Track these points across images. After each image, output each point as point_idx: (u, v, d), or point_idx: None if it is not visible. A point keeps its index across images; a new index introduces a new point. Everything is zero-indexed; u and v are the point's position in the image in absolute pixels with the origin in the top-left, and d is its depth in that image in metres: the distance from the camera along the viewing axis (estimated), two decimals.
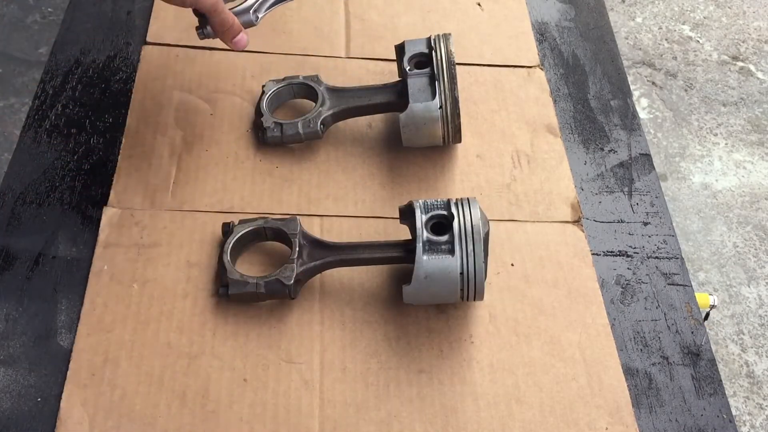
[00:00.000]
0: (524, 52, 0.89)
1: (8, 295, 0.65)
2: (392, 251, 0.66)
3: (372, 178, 0.76)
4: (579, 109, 0.86)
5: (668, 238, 0.75)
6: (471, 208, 0.63)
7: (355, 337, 0.65)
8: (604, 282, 0.71)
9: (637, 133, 0.84)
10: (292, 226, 0.67)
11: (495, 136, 0.81)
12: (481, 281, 0.62)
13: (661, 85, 2.15)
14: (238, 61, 0.84)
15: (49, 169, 0.74)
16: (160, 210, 0.71)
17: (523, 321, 0.67)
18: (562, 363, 0.65)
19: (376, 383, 0.63)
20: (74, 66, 0.82)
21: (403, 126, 0.72)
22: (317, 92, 0.76)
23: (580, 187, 0.78)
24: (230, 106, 0.80)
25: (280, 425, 0.60)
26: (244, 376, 0.62)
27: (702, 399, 0.65)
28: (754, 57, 2.25)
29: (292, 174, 0.75)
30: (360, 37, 0.88)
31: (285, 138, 0.75)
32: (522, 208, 0.75)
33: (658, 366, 0.67)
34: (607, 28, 0.96)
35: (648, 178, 0.80)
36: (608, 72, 0.90)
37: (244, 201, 0.73)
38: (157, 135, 0.77)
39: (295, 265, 0.64)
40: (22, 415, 0.59)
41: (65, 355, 0.62)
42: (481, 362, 0.65)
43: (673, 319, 0.70)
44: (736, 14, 2.36)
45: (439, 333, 0.66)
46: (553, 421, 0.62)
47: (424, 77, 0.73)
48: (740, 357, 1.65)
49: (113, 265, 0.67)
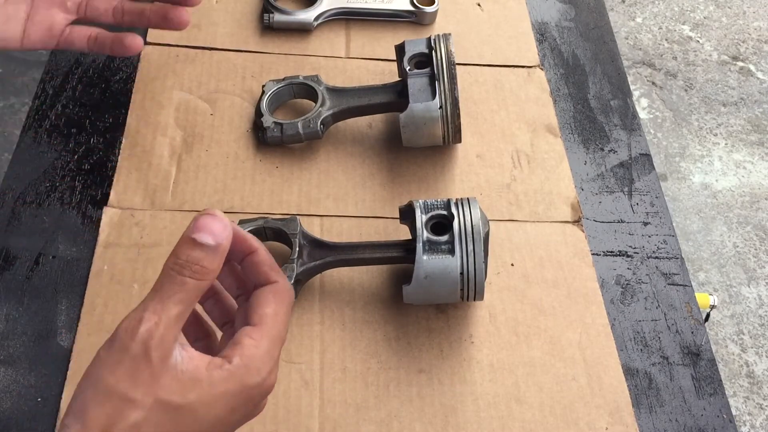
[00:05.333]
0: (524, 52, 0.89)
1: (8, 295, 0.65)
2: (392, 251, 0.66)
3: (372, 178, 0.76)
4: (579, 109, 0.86)
5: (668, 238, 0.75)
6: (471, 208, 0.63)
7: (355, 337, 0.65)
8: (604, 282, 0.71)
9: (637, 133, 0.84)
10: (292, 226, 0.67)
11: (495, 136, 0.81)
12: (481, 281, 0.62)
13: (661, 85, 2.15)
14: (238, 61, 0.84)
15: (49, 169, 0.74)
16: (160, 210, 0.71)
17: (523, 321, 0.68)
18: (562, 363, 0.65)
19: (376, 383, 0.63)
20: (74, 66, 0.82)
21: (403, 126, 0.72)
22: (317, 92, 0.76)
23: (580, 187, 0.78)
24: (230, 106, 0.80)
25: (280, 425, 0.60)
26: None
27: (702, 399, 0.65)
28: (754, 57, 2.25)
29: (292, 174, 0.75)
30: (360, 37, 0.88)
31: (285, 138, 0.75)
32: (522, 208, 0.75)
33: (658, 366, 0.67)
34: (607, 28, 0.96)
35: (648, 178, 0.80)
36: (608, 72, 0.90)
37: (244, 201, 0.73)
38: (157, 135, 0.77)
39: (295, 265, 0.64)
40: (22, 415, 0.59)
41: (65, 355, 0.62)
42: (481, 362, 0.65)
43: (673, 319, 0.70)
44: (736, 14, 2.36)
45: (439, 333, 0.66)
46: (553, 421, 0.62)
47: (424, 77, 0.73)
48: (740, 357, 1.65)
49: (113, 265, 0.67)
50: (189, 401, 0.39)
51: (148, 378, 0.38)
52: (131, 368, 0.37)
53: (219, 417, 0.40)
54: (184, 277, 0.39)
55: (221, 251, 0.41)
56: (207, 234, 0.40)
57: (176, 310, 0.39)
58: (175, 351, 0.39)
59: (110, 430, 0.37)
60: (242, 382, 0.40)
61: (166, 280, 0.40)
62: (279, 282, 0.45)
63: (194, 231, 0.40)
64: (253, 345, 0.41)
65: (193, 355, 0.40)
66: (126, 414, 0.37)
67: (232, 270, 0.47)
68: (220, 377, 0.40)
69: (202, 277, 0.40)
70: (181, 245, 0.40)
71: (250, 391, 0.41)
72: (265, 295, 0.44)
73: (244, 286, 0.47)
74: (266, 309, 0.43)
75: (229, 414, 0.41)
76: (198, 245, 0.40)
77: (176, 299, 0.39)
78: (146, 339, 0.38)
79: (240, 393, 0.41)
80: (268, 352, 0.42)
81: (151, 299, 0.39)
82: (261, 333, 0.42)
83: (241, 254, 0.45)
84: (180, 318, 0.39)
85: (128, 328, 0.38)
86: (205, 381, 0.39)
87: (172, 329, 0.39)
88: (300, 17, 0.86)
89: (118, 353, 0.38)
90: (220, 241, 0.40)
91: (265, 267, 0.45)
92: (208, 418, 0.40)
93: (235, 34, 0.86)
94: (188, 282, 0.39)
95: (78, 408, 0.38)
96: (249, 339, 0.42)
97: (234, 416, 0.41)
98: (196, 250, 0.40)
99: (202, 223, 0.40)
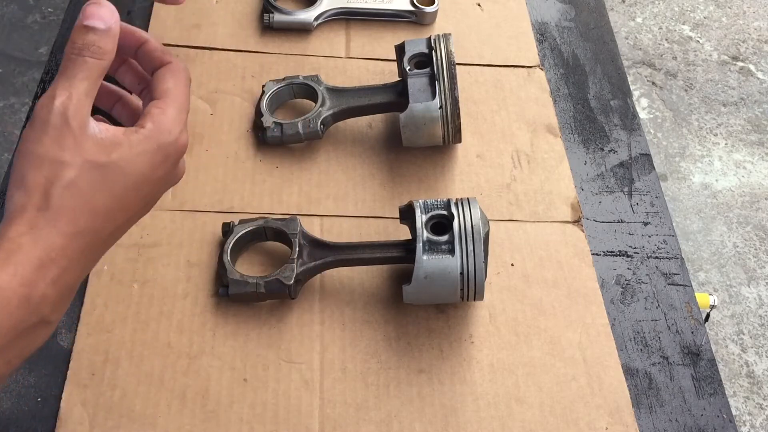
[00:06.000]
0: (524, 52, 0.89)
1: None
2: (392, 251, 0.66)
3: (372, 178, 0.76)
4: (579, 109, 0.86)
5: (668, 238, 0.75)
6: (471, 208, 0.63)
7: (355, 337, 0.65)
8: (604, 282, 0.71)
9: (637, 133, 0.84)
10: (292, 226, 0.67)
11: (495, 136, 0.81)
12: (481, 281, 0.62)
13: (661, 85, 2.15)
14: (238, 61, 0.84)
15: None
16: (160, 210, 0.71)
17: (523, 321, 0.68)
18: (562, 363, 0.65)
19: (376, 383, 0.63)
20: None
21: (403, 126, 0.72)
22: (317, 92, 0.76)
23: (580, 187, 0.78)
24: (230, 106, 0.80)
25: (280, 425, 0.60)
26: (244, 376, 0.62)
27: (702, 399, 0.65)
28: (754, 57, 2.25)
29: (292, 174, 0.75)
30: (360, 37, 0.88)
31: (285, 138, 0.75)
32: (522, 208, 0.75)
33: (658, 366, 0.67)
34: (607, 28, 0.96)
35: (648, 178, 0.80)
36: (608, 72, 0.90)
37: (244, 201, 0.73)
38: None
39: (295, 265, 0.64)
40: (22, 415, 0.59)
41: (65, 355, 0.62)
42: (481, 362, 0.65)
43: (673, 319, 0.70)
44: (736, 14, 2.36)
45: (439, 333, 0.66)
46: (553, 421, 0.62)
47: (424, 77, 0.73)
48: (740, 357, 1.65)
49: (113, 265, 0.67)
50: (113, 159, 0.44)
51: (73, 143, 0.42)
52: (55, 136, 0.42)
53: (143, 172, 0.45)
54: (84, 58, 0.44)
55: (113, 33, 0.45)
56: (97, 20, 0.45)
57: (83, 85, 0.44)
58: (91, 123, 0.44)
59: (50, 189, 0.42)
60: (158, 141, 0.46)
61: (69, 63, 0.44)
62: (173, 62, 0.50)
63: (85, 19, 0.45)
64: (160, 112, 0.47)
65: (109, 126, 0.45)
66: (60, 174, 0.42)
67: (130, 67, 0.52)
68: (137, 139, 0.45)
69: (100, 56, 0.45)
70: (75, 32, 0.45)
71: (167, 149, 0.46)
72: (163, 74, 0.49)
73: (144, 80, 0.52)
74: (167, 84, 0.48)
75: (152, 170, 0.46)
76: (91, 29, 0.45)
77: (81, 77, 0.44)
78: (62, 110, 0.42)
79: (157, 151, 0.46)
80: (176, 116, 0.47)
81: (58, 81, 0.44)
82: (166, 102, 0.47)
83: (134, 47, 0.50)
84: (89, 93, 0.44)
85: (44, 105, 0.43)
86: (125, 143, 0.44)
87: (83, 102, 0.43)
88: (300, 17, 0.86)
89: (41, 127, 0.43)
90: (109, 24, 0.45)
91: (157, 53, 0.50)
92: (133, 172, 0.44)
93: (235, 34, 0.86)
94: (89, 61, 0.44)
95: (16, 178, 0.42)
96: (156, 108, 0.47)
97: (156, 173, 0.46)
98: (90, 34, 0.45)
99: (90, 11, 0.45)
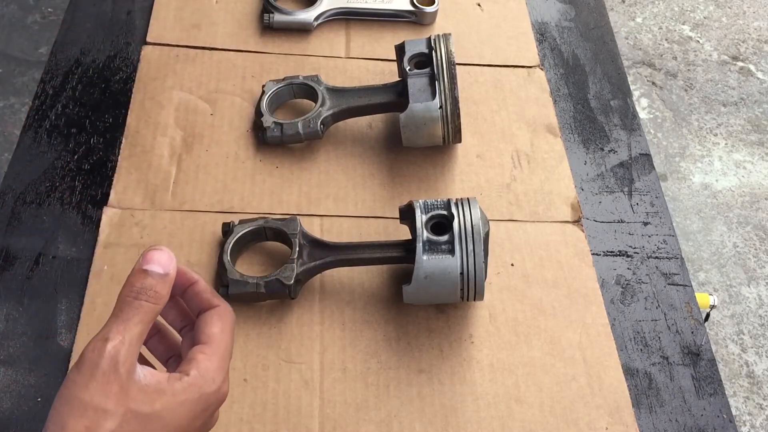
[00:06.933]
0: (524, 52, 0.89)
1: (8, 295, 0.65)
2: (392, 251, 0.66)
3: (372, 178, 0.76)
4: (579, 109, 0.86)
5: (668, 238, 0.75)
6: (471, 208, 0.63)
7: (355, 337, 0.65)
8: (604, 282, 0.71)
9: (637, 133, 0.84)
10: (292, 226, 0.67)
11: (495, 136, 0.81)
12: (481, 281, 0.62)
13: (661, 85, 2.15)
14: (238, 61, 0.84)
15: (49, 169, 0.74)
16: (160, 210, 0.71)
17: (523, 321, 0.68)
18: (562, 363, 0.65)
19: (376, 383, 0.63)
20: (74, 66, 0.82)
21: (403, 126, 0.72)
22: (317, 92, 0.76)
23: (580, 187, 0.78)
24: (230, 106, 0.80)
25: (280, 425, 0.60)
26: (244, 376, 0.62)
27: (702, 399, 0.65)
28: (754, 57, 2.25)
29: (292, 174, 0.75)
30: (360, 37, 0.88)
31: (285, 138, 0.75)
32: (522, 208, 0.75)
33: (658, 366, 0.67)
34: (607, 28, 0.96)
35: (648, 178, 0.80)
36: (608, 72, 0.90)
37: (244, 201, 0.73)
38: (157, 135, 0.77)
39: (295, 265, 0.64)
40: (22, 415, 0.59)
41: (65, 355, 0.62)
42: (481, 362, 0.65)
43: (673, 319, 0.70)
44: (736, 14, 2.36)
45: (439, 333, 0.66)
46: (553, 421, 0.62)
47: (424, 77, 0.73)
48: (740, 357, 1.65)
49: (113, 265, 0.67)
50: (156, 410, 0.43)
51: (118, 391, 0.41)
52: (102, 382, 0.41)
53: (182, 424, 0.44)
54: (141, 302, 0.44)
55: (170, 278, 0.46)
56: (156, 264, 0.46)
57: (137, 329, 0.43)
58: (137, 369, 0.43)
59: None
60: (200, 391, 0.45)
61: (125, 306, 0.44)
62: (221, 305, 0.50)
63: (144, 263, 0.46)
64: (206, 359, 0.46)
65: (153, 371, 0.44)
66: (102, 424, 0.41)
67: (175, 304, 0.51)
68: (181, 387, 0.44)
69: (156, 301, 0.45)
70: (134, 275, 0.45)
71: (208, 399, 0.46)
72: (210, 317, 0.49)
73: (188, 318, 0.51)
74: (213, 329, 0.48)
75: (191, 421, 0.45)
76: (150, 274, 0.45)
77: (136, 320, 0.44)
78: (114, 355, 0.42)
79: (199, 400, 0.45)
80: (220, 364, 0.47)
81: (112, 323, 0.43)
82: (211, 349, 0.47)
83: (183, 287, 0.50)
84: (140, 337, 0.44)
85: (95, 348, 0.42)
86: (168, 391, 0.44)
87: (135, 346, 0.43)
88: (300, 17, 0.86)
89: (89, 371, 0.41)
90: (168, 270, 0.46)
91: (206, 294, 0.50)
92: (173, 424, 0.44)
93: (235, 34, 0.86)
94: (144, 305, 0.44)
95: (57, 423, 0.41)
96: (201, 354, 0.46)
97: (195, 423, 0.46)
98: (148, 278, 0.45)
99: (149, 256, 0.46)
